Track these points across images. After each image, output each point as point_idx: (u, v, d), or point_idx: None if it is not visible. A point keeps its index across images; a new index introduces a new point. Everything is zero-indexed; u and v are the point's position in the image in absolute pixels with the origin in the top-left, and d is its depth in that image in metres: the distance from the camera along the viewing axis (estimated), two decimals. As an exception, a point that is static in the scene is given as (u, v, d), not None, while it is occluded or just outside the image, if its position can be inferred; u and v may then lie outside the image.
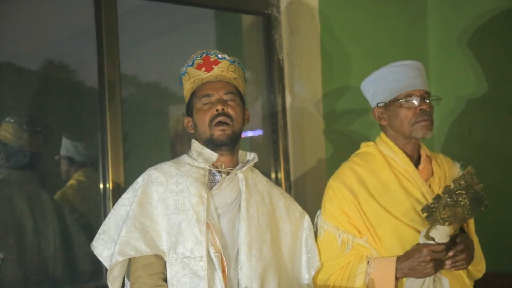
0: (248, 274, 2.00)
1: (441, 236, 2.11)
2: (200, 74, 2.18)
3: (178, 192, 2.05)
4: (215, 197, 2.08)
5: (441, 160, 2.41)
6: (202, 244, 1.97)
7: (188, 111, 2.22)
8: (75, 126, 2.76)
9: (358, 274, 2.16)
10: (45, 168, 2.66)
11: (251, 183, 2.18)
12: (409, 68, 2.33)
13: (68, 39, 2.73)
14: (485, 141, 3.32)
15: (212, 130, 2.11)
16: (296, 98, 3.14)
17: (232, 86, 2.19)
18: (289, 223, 2.22)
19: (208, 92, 2.14)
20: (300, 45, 3.13)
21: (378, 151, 2.36)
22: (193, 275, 1.96)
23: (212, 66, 2.18)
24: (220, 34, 3.28)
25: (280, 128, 3.12)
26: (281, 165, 3.11)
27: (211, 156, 2.14)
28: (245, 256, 2.02)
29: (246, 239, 2.04)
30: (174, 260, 1.99)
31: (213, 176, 2.15)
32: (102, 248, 2.06)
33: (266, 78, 3.17)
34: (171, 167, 2.12)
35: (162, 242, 2.01)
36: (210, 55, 2.20)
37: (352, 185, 2.29)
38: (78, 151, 2.67)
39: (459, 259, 2.13)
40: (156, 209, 2.04)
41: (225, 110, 2.11)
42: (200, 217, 2.01)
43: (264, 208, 2.16)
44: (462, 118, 3.43)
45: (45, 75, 2.68)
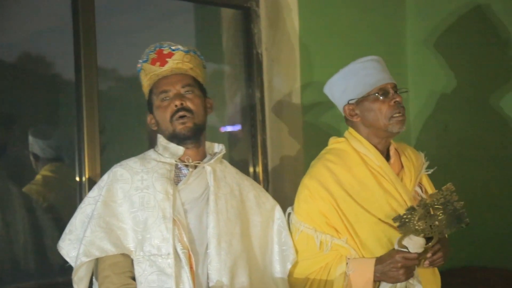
0: (218, 268, 1.98)
1: (414, 246, 2.09)
2: (156, 70, 2.14)
3: (143, 188, 2.02)
4: (182, 192, 2.05)
5: (408, 152, 2.41)
6: (169, 241, 1.95)
7: (149, 108, 2.19)
8: (51, 119, 2.73)
9: (337, 274, 2.16)
10: (15, 162, 2.62)
11: (219, 175, 2.14)
12: (377, 62, 2.32)
13: (44, 31, 2.70)
14: (461, 136, 3.36)
15: (173, 125, 2.07)
16: (275, 92, 3.14)
17: (189, 78, 2.15)
18: (259, 215, 2.19)
19: (164, 88, 2.11)
20: (279, 39, 3.13)
21: (350, 147, 2.33)
22: (160, 272, 1.93)
23: (166, 59, 2.13)
24: (199, 28, 3.26)
25: (258, 122, 3.12)
26: (259, 159, 3.11)
27: (177, 151, 2.11)
28: (214, 250, 2.00)
29: (215, 232, 2.02)
30: (141, 258, 1.96)
31: (180, 170, 2.11)
32: (69, 248, 2.02)
33: (245, 72, 3.17)
34: (137, 164, 2.09)
35: (128, 240, 1.98)
36: (163, 47, 2.15)
37: (329, 184, 2.25)
38: (41, 148, 2.64)
39: (436, 257, 2.15)
40: (122, 207, 2.01)
41: (184, 104, 2.07)
42: (166, 213, 1.98)
43: (233, 200, 2.13)
44: (438, 114, 3.46)
45: (21, 67, 2.64)
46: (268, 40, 3.15)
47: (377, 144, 2.32)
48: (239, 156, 3.20)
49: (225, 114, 3.26)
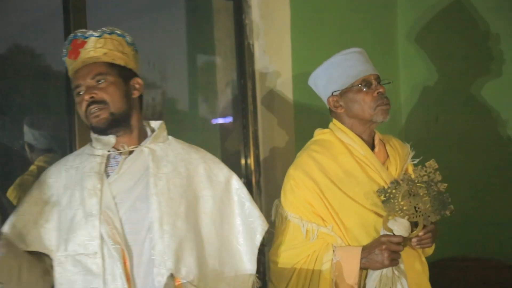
0: (162, 252, 1.86)
1: (399, 228, 2.10)
2: (71, 63, 1.99)
3: (70, 185, 1.94)
4: (114, 184, 1.93)
5: (393, 142, 2.44)
6: (96, 239, 1.85)
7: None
8: (42, 110, 2.72)
9: (324, 262, 2.16)
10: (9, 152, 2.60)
11: (160, 154, 2.00)
12: (359, 54, 2.35)
13: (35, 22, 2.68)
14: (452, 128, 3.38)
15: (89, 119, 1.95)
16: (266, 83, 3.14)
17: (101, 65, 1.96)
18: (210, 189, 2.04)
19: (76, 83, 1.97)
20: (271, 30, 3.13)
21: (335, 137, 2.35)
22: (86, 272, 1.84)
23: (79, 50, 1.97)
24: (190, 18, 3.25)
25: (250, 113, 3.12)
26: (250, 150, 3.11)
27: (109, 140, 1.97)
28: (157, 234, 1.87)
29: (156, 215, 1.89)
30: (63, 258, 1.87)
31: (115, 159, 1.99)
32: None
33: (237, 63, 3.16)
34: (74, 161, 2.01)
35: (49, 239, 1.90)
36: (77, 37, 1.99)
37: (313, 173, 2.27)
38: (35, 137, 2.62)
39: (425, 237, 2.16)
40: (48, 206, 1.93)
41: (94, 96, 1.92)
42: (92, 210, 1.87)
43: (176, 178, 1.98)
44: (429, 105, 3.48)
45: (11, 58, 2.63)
46: (259, 31, 3.14)
47: (361, 134, 2.34)
48: (230, 147, 3.20)
49: (216, 105, 3.26)
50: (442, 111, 3.41)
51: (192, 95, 3.25)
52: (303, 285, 2.20)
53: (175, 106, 3.22)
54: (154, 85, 3.06)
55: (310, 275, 2.18)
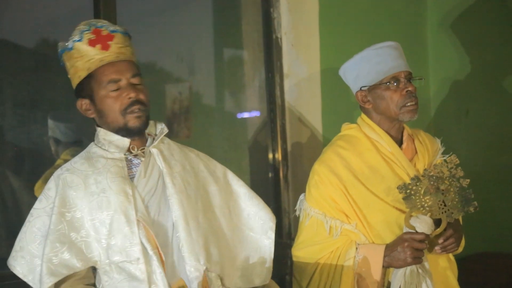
0: (192, 250, 1.87)
1: (421, 226, 2.07)
2: (97, 53, 1.89)
3: (100, 192, 1.86)
4: (140, 188, 1.90)
5: (423, 137, 2.39)
6: (137, 245, 1.81)
7: (83, 93, 1.95)
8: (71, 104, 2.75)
9: (347, 259, 2.15)
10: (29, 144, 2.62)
11: (167, 154, 1.99)
12: (392, 49, 2.28)
13: (65, 17, 2.71)
14: (482, 121, 3.32)
15: (126, 118, 1.89)
16: (294, 77, 3.13)
17: (133, 65, 1.95)
18: (214, 184, 2.06)
19: (113, 77, 1.89)
20: (299, 24, 3.12)
21: (362, 133, 2.33)
22: (131, 278, 1.81)
23: (108, 42, 1.90)
24: (217, 12, 3.26)
25: (277, 107, 3.12)
26: (278, 144, 3.11)
27: (123, 143, 1.93)
28: (184, 232, 1.88)
29: (180, 214, 1.89)
30: (107, 267, 1.84)
31: (131, 162, 1.95)
32: (23, 266, 1.85)
33: (264, 57, 3.16)
34: (84, 165, 1.91)
35: (91, 250, 1.84)
36: (100, 27, 1.92)
37: (338, 169, 2.25)
38: (61, 131, 2.64)
39: (448, 243, 2.12)
40: (79, 215, 1.85)
41: (137, 97, 1.89)
42: (129, 216, 1.84)
43: (187, 176, 1.99)
44: (459, 98, 3.43)
45: (41, 53, 2.66)
46: (287, 25, 3.13)
47: (389, 130, 2.31)
48: (258, 142, 3.20)
49: (243, 99, 3.26)
50: (473, 105, 3.36)
51: (219, 89, 3.26)
52: (325, 281, 2.19)
53: (202, 100, 3.23)
54: (182, 79, 3.08)
55: (333, 272, 2.18)
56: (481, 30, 3.33)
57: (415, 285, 2.10)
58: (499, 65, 3.26)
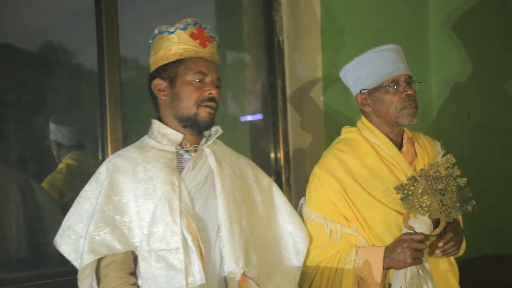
0: (232, 251, 1.92)
1: (420, 226, 2.07)
2: (195, 45, 2.02)
3: (147, 180, 1.92)
4: (187, 180, 1.96)
5: (423, 140, 2.39)
6: (178, 235, 1.86)
7: (163, 75, 2.04)
8: (74, 108, 2.76)
9: (347, 262, 2.15)
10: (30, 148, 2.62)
11: (219, 156, 2.06)
12: (393, 52, 2.28)
13: (67, 20, 2.72)
14: (484, 124, 3.32)
15: (198, 109, 1.98)
16: (296, 80, 3.13)
17: (218, 70, 2.08)
18: (259, 193, 2.13)
19: (203, 70, 2.00)
20: (301, 27, 3.12)
21: (361, 136, 2.33)
22: (169, 267, 1.85)
23: (206, 43, 2.04)
24: (219, 15, 3.26)
25: (279, 110, 3.12)
26: (280, 147, 3.12)
27: (176, 137, 2.02)
28: (227, 233, 1.93)
29: (226, 214, 1.95)
30: (147, 254, 1.88)
31: (181, 156, 2.02)
32: (68, 245, 1.92)
33: (266, 60, 3.17)
34: (136, 153, 1.98)
35: (133, 235, 1.89)
36: (204, 28, 2.06)
37: (338, 173, 2.25)
38: (63, 135, 2.64)
39: (448, 247, 2.12)
40: (125, 200, 1.91)
41: (215, 96, 2.01)
42: (173, 206, 1.89)
43: (236, 180, 2.06)
44: (461, 101, 3.43)
45: (44, 56, 2.67)
46: (289, 28, 3.14)
47: (389, 134, 2.31)
48: (260, 145, 3.20)
49: (246, 102, 3.26)
50: (475, 107, 3.36)
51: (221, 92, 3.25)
52: (326, 284, 2.19)
53: (205, 103, 3.22)
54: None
55: (333, 275, 2.18)
56: (483, 33, 3.33)
57: (416, 286, 2.09)
58: (501, 68, 3.26)
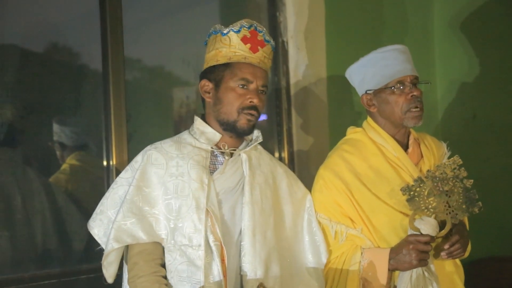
0: (252, 261, 1.94)
1: (426, 227, 2.07)
2: (244, 50, 2.02)
3: (178, 175, 1.96)
4: (217, 182, 1.99)
5: (429, 141, 2.38)
6: (201, 232, 1.90)
7: (210, 76, 2.06)
8: (78, 108, 2.76)
9: (352, 264, 2.15)
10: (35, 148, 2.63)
11: (254, 163, 2.08)
12: (399, 52, 2.27)
13: (71, 21, 2.72)
14: (490, 125, 3.31)
15: (239, 116, 2.00)
16: (301, 80, 3.13)
17: (267, 76, 2.07)
18: (290, 204, 2.14)
19: (248, 77, 2.01)
20: (305, 27, 3.12)
21: (367, 137, 2.32)
22: (190, 263, 1.89)
23: (258, 47, 2.03)
24: (224, 16, 3.26)
25: (284, 110, 3.12)
26: (284, 147, 3.11)
27: (214, 137, 2.04)
28: (249, 243, 1.95)
29: (250, 224, 1.97)
30: (172, 247, 1.92)
31: (216, 157, 2.05)
32: (100, 228, 1.98)
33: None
34: (172, 147, 2.02)
35: (160, 227, 1.93)
36: (259, 32, 2.04)
37: (343, 174, 2.25)
38: (67, 135, 2.65)
39: (454, 249, 2.12)
40: (155, 192, 1.95)
41: (258, 104, 2.01)
42: (200, 203, 1.93)
43: (267, 190, 2.07)
44: (466, 102, 3.42)
45: (48, 57, 2.67)
46: (293, 28, 3.13)
47: (394, 135, 2.30)
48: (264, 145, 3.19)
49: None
50: (480, 108, 3.35)
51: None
52: (331, 286, 2.19)
53: (210, 104, 3.22)
54: (189, 83, 3.08)
55: (338, 277, 2.17)
56: (488, 33, 3.32)
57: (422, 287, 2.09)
58: (506, 69, 3.25)
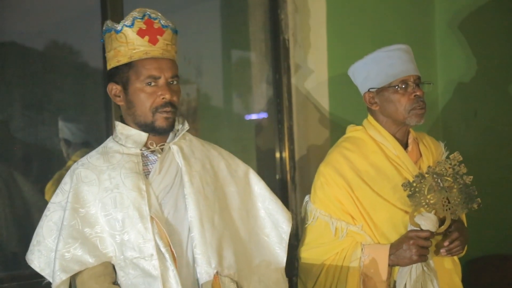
0: (204, 252, 1.85)
1: (426, 223, 2.08)
2: (143, 44, 1.86)
3: (113, 188, 1.84)
4: (154, 184, 1.88)
5: (427, 141, 2.40)
6: (151, 241, 1.80)
7: (117, 78, 1.91)
8: (79, 106, 2.77)
9: (352, 260, 2.16)
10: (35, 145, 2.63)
11: (187, 152, 1.97)
12: (403, 52, 2.28)
13: (73, 19, 2.72)
14: (490, 122, 3.31)
15: (154, 116, 1.87)
16: (302, 78, 3.13)
17: (175, 64, 1.92)
18: (234, 184, 2.04)
19: (153, 74, 1.86)
20: (306, 25, 3.11)
21: (367, 135, 2.33)
22: (146, 275, 1.80)
23: (157, 36, 1.87)
24: (225, 13, 3.26)
25: (285, 108, 3.11)
26: (285, 145, 3.11)
27: (140, 138, 1.91)
28: (198, 234, 1.85)
29: (196, 215, 1.86)
30: (122, 262, 1.83)
31: (147, 158, 1.93)
32: (40, 260, 1.86)
33: (271, 58, 3.16)
34: (100, 160, 1.90)
35: (106, 246, 1.83)
36: (153, 19, 1.88)
37: (344, 171, 2.26)
38: (72, 132, 2.65)
39: (453, 246, 2.13)
40: (92, 211, 1.84)
41: (171, 99, 1.87)
42: (142, 212, 1.82)
43: (206, 175, 1.96)
44: (467, 99, 3.41)
45: (49, 55, 2.67)
46: (294, 26, 3.13)
47: (395, 133, 2.31)
48: (265, 143, 3.20)
49: (251, 100, 3.26)
50: (481, 106, 3.35)
51: (226, 90, 3.26)
52: (331, 282, 2.19)
53: (210, 102, 3.23)
54: (189, 81, 3.08)
55: (339, 273, 2.18)
56: (489, 31, 3.32)
57: (421, 284, 2.10)
58: (507, 67, 3.25)
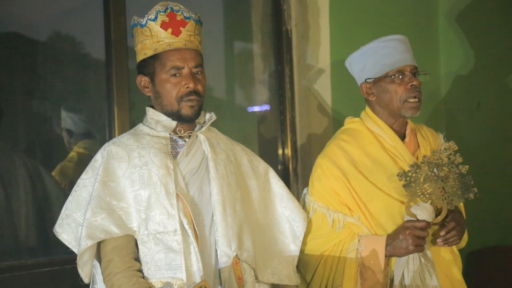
0: (225, 234, 1.93)
1: (422, 213, 2.08)
2: (166, 37, 1.96)
3: (142, 165, 1.94)
4: (181, 165, 1.98)
5: (425, 132, 2.40)
6: (175, 217, 1.89)
7: (144, 70, 2.02)
8: (81, 96, 2.77)
9: (349, 252, 2.16)
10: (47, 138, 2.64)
11: (213, 142, 2.07)
12: (399, 42, 2.28)
13: (75, 10, 2.72)
14: (493, 115, 3.30)
15: (180, 105, 1.97)
16: (304, 69, 3.12)
17: (199, 55, 2.02)
18: (255, 179, 2.14)
19: (177, 64, 1.96)
20: (309, 16, 3.11)
21: (364, 127, 2.34)
22: (168, 250, 1.88)
23: (180, 28, 1.97)
24: (227, 4, 3.25)
25: (287, 99, 3.12)
26: (288, 137, 3.11)
27: (170, 124, 2.02)
28: (220, 217, 1.94)
29: (219, 199, 1.96)
30: (145, 237, 1.90)
31: (175, 142, 2.03)
32: (68, 233, 1.93)
33: (274, 49, 3.16)
34: (130, 140, 2.00)
35: (131, 220, 1.90)
36: (176, 12, 1.98)
37: (341, 162, 2.27)
38: (75, 122, 2.66)
39: (450, 236, 2.13)
40: (121, 186, 1.93)
41: (196, 87, 1.97)
42: (169, 189, 1.91)
43: (230, 166, 2.07)
44: (470, 91, 3.41)
45: (52, 46, 2.68)
46: (297, 17, 3.12)
47: (392, 124, 2.31)
48: (267, 134, 3.20)
49: (253, 92, 3.26)
50: (484, 98, 3.34)
51: (229, 82, 3.26)
52: (329, 274, 2.21)
53: (212, 93, 3.23)
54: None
55: (336, 264, 2.19)
56: (492, 23, 3.31)
57: (418, 273, 2.12)
58: (510, 58, 3.23)
